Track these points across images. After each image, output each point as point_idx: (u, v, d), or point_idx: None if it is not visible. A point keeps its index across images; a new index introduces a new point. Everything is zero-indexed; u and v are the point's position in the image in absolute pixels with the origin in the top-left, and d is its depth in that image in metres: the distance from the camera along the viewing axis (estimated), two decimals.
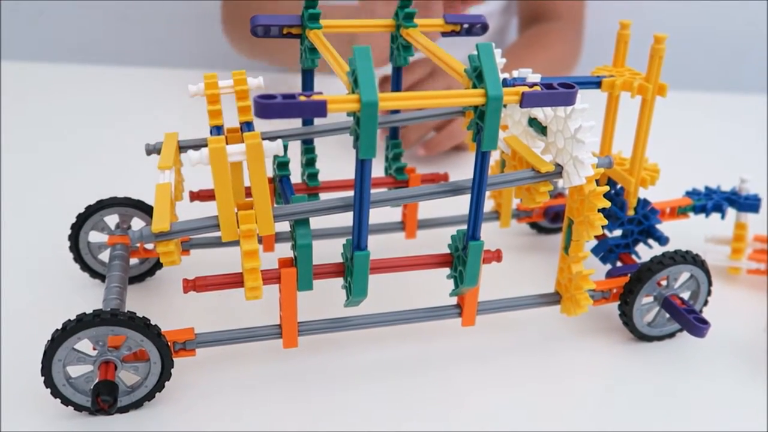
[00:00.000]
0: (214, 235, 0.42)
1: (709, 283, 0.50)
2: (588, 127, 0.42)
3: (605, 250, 0.56)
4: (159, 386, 0.43)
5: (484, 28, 0.54)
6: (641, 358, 0.50)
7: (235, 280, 0.43)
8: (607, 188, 0.44)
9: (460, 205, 0.53)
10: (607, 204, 0.44)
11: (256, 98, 0.35)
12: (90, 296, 0.53)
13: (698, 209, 0.57)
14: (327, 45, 0.46)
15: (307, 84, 0.53)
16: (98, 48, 1.24)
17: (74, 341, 0.40)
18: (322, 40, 0.47)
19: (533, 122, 0.48)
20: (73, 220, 0.52)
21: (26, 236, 0.61)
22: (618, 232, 0.59)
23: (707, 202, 0.57)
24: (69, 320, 0.40)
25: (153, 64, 1.05)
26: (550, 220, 0.62)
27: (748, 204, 0.57)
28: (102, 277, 0.54)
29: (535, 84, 0.40)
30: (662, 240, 0.53)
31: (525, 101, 0.39)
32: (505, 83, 0.42)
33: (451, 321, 0.48)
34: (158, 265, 0.56)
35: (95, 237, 0.54)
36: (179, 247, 0.43)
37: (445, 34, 0.54)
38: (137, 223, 0.55)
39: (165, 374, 0.43)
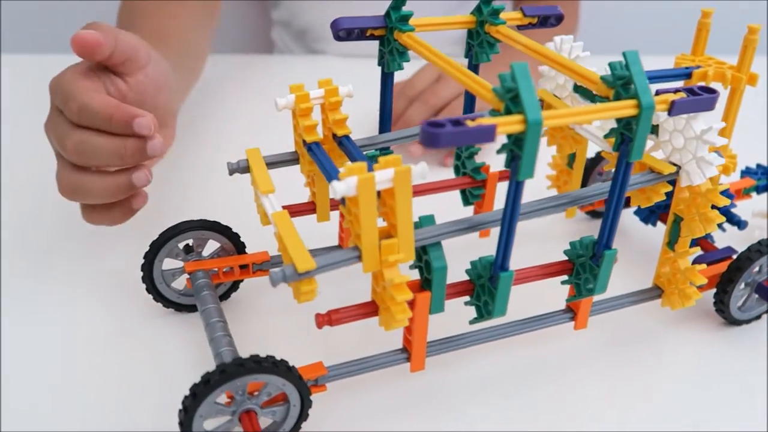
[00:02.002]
0: None
1: None
2: (717, 128, 0.42)
3: (648, 212, 0.58)
4: (296, 428, 0.41)
5: (559, 18, 0.53)
6: (741, 343, 0.51)
7: (369, 310, 0.41)
8: (727, 185, 0.44)
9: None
10: (727, 201, 0.44)
11: (424, 127, 0.33)
12: (170, 329, 0.50)
13: (761, 189, 0.58)
14: (436, 52, 0.43)
15: (388, 89, 0.50)
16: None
17: (217, 394, 0.37)
18: (424, 44, 0.45)
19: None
20: (131, 245, 0.48)
21: (80, 261, 0.56)
22: None
23: None
24: (209, 373, 0.37)
25: None
26: None
27: None
28: (176, 306, 0.51)
29: (678, 90, 0.39)
30: (741, 225, 0.54)
31: (675, 109, 0.38)
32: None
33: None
34: (233, 287, 0.52)
35: (168, 264, 0.50)
36: None
37: (521, 27, 0.52)
38: (212, 246, 0.51)
39: (303, 415, 0.40)
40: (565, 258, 0.46)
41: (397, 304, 0.38)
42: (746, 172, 0.60)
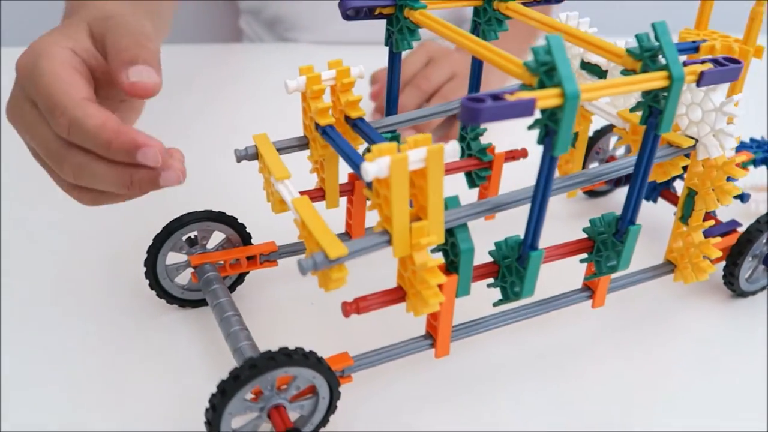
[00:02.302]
0: None
1: None
2: (736, 100, 0.42)
3: (650, 189, 0.58)
4: (324, 421, 0.39)
5: None
6: (747, 313, 0.51)
7: (396, 296, 0.39)
8: (744, 157, 0.44)
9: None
10: (745, 173, 0.44)
11: (465, 102, 0.32)
12: (176, 326, 0.48)
13: (759, 162, 0.59)
14: (454, 29, 0.42)
15: (395, 70, 0.48)
16: None
17: (247, 390, 0.35)
18: (439, 21, 0.43)
19: None
20: (133, 239, 0.46)
21: (83, 262, 0.53)
22: None
23: (765, 154, 0.59)
24: (238, 368, 0.35)
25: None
26: (613, 185, 0.62)
27: None
28: (180, 302, 0.48)
29: (704, 61, 0.39)
30: (744, 198, 0.55)
31: (704, 80, 0.38)
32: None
33: None
34: (239, 280, 0.50)
35: (172, 258, 0.48)
36: None
37: (525, 4, 0.51)
38: (217, 237, 0.49)
39: (332, 407, 0.39)
40: (584, 236, 0.45)
41: (429, 288, 0.37)
42: (741, 146, 0.61)
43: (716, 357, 0.48)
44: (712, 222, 0.48)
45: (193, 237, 0.48)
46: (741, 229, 0.52)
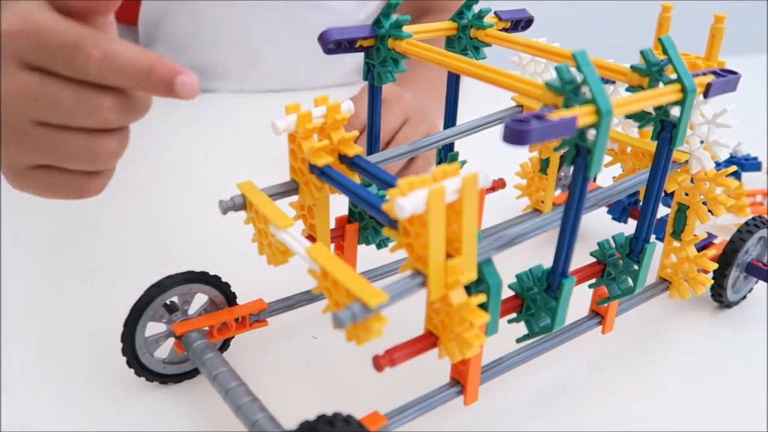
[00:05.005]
0: None
1: None
2: (730, 110, 0.42)
3: (621, 210, 0.59)
4: None
5: (529, 22, 0.52)
6: (738, 323, 0.52)
7: (428, 343, 0.36)
8: (734, 168, 0.45)
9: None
10: (737, 183, 0.45)
11: (510, 124, 0.30)
12: (161, 406, 0.42)
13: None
14: (451, 54, 0.40)
15: (377, 104, 0.46)
16: None
17: None
18: (431, 48, 0.41)
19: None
20: (111, 310, 0.40)
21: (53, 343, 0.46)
22: None
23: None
24: None
25: None
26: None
27: (749, 164, 0.62)
28: (161, 378, 0.43)
29: (705, 73, 0.39)
30: None
31: (711, 91, 0.38)
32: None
33: None
34: (224, 346, 0.45)
35: (151, 329, 0.42)
36: None
37: None
38: (200, 300, 0.44)
39: None
40: (592, 260, 0.44)
41: (471, 329, 0.34)
42: None
43: (726, 371, 0.47)
44: (705, 235, 0.48)
45: (168, 303, 0.43)
46: (717, 241, 0.53)
